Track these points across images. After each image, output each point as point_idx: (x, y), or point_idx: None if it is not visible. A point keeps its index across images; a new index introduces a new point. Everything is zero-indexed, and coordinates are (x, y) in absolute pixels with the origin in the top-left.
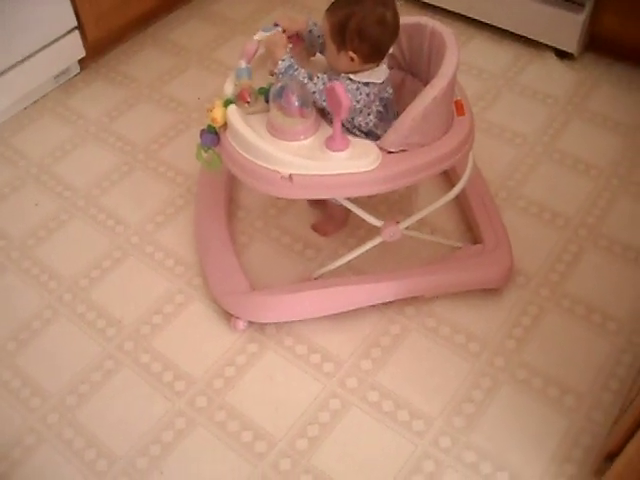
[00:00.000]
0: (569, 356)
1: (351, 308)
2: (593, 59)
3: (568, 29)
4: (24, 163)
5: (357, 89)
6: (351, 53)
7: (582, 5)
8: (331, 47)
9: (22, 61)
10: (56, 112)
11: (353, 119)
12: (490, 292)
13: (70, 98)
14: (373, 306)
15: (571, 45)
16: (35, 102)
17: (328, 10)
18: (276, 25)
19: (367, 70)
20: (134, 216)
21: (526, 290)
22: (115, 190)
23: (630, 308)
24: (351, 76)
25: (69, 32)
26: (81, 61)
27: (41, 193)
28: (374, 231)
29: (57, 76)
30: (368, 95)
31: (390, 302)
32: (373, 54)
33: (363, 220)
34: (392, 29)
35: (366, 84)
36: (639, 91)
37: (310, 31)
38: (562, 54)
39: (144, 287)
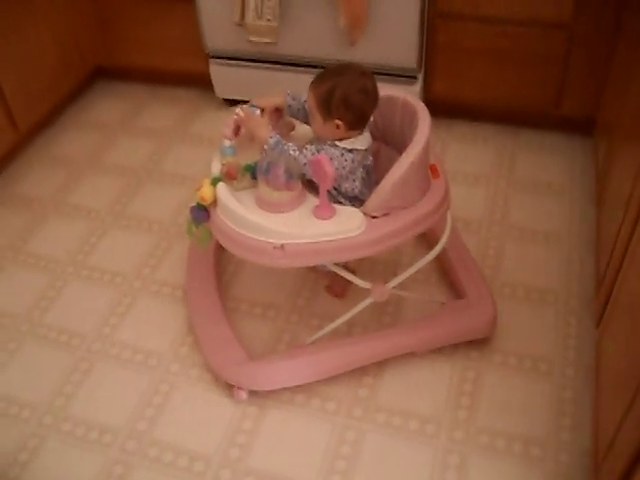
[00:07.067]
0: (518, 408)
1: (349, 369)
2: (434, 123)
3: None
4: None
5: (342, 155)
6: (337, 121)
7: (415, 77)
8: (317, 117)
9: None
10: None
11: (340, 186)
12: (426, 367)
13: None
14: (322, 417)
15: None
16: None
17: (313, 83)
18: (253, 106)
19: (351, 138)
20: None
21: (460, 354)
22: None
23: (554, 346)
24: (337, 142)
25: None
26: None
27: None
28: (361, 293)
29: None
30: (353, 161)
31: (337, 409)
32: (357, 121)
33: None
34: (373, 97)
35: (350, 150)
36: (484, 143)
37: (289, 106)
38: None
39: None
